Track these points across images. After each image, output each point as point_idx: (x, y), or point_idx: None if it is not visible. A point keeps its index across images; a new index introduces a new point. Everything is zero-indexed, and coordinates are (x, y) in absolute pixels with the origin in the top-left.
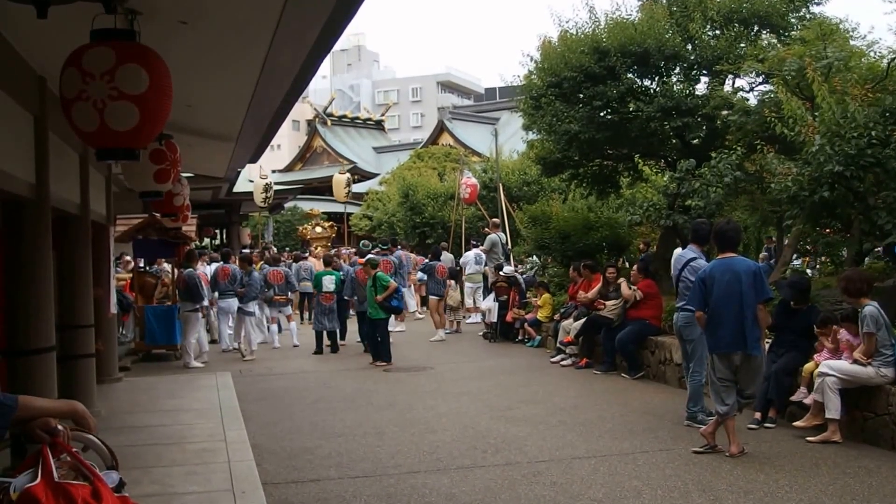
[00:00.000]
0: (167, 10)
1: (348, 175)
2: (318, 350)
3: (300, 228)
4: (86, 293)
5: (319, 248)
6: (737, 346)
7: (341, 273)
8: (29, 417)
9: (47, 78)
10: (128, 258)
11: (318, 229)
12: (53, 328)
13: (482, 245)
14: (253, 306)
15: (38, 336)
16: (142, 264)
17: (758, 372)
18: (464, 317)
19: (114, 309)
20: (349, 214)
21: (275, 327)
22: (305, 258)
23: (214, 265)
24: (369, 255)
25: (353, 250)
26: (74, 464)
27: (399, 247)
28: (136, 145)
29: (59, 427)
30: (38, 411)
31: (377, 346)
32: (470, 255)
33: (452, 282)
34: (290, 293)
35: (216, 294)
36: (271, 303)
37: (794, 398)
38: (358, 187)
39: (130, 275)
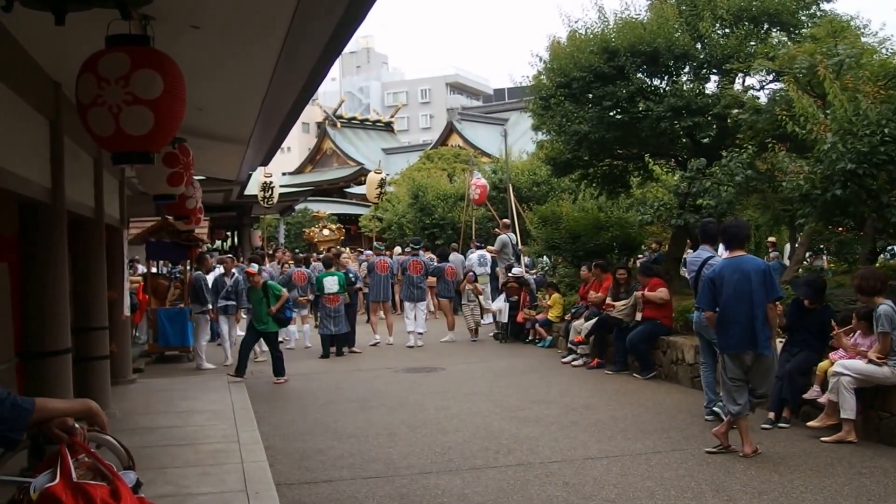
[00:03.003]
0: (180, 14)
1: (383, 175)
2: (325, 354)
3: (307, 231)
4: (100, 295)
5: (347, 249)
6: (747, 345)
7: (350, 273)
8: (45, 419)
9: (62, 83)
10: (136, 259)
11: (326, 231)
12: (69, 330)
13: (490, 246)
14: None
15: (54, 338)
16: (163, 268)
17: (769, 371)
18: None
19: (127, 311)
20: (358, 216)
21: (293, 328)
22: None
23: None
24: (252, 262)
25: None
26: (92, 464)
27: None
28: (150, 149)
29: (77, 427)
30: (54, 412)
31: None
32: (474, 257)
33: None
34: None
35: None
36: (294, 303)
37: (806, 396)
38: (366, 189)
39: (140, 278)
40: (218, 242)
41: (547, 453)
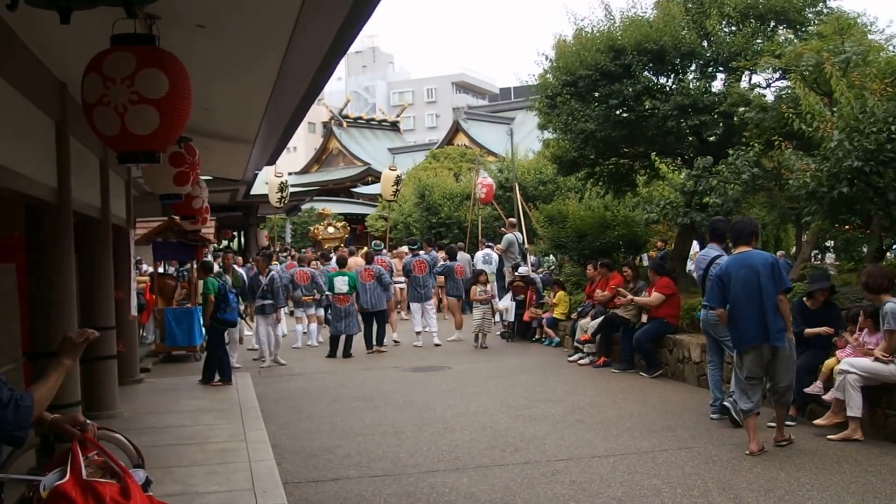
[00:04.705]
0: (185, 14)
1: (399, 173)
2: (332, 353)
3: (311, 229)
4: (107, 295)
5: (365, 248)
6: (760, 338)
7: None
8: (44, 406)
9: (67, 83)
10: (140, 260)
11: (331, 230)
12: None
13: (497, 245)
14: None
15: (60, 338)
16: (169, 267)
17: (789, 363)
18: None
19: (134, 311)
20: (364, 216)
21: (299, 327)
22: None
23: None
24: (205, 260)
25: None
26: (103, 462)
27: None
28: (156, 148)
29: (89, 423)
30: (48, 396)
31: (217, 363)
32: (479, 255)
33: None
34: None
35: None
36: (298, 303)
37: (808, 391)
38: (372, 188)
39: (147, 278)
40: (224, 242)
41: (553, 451)
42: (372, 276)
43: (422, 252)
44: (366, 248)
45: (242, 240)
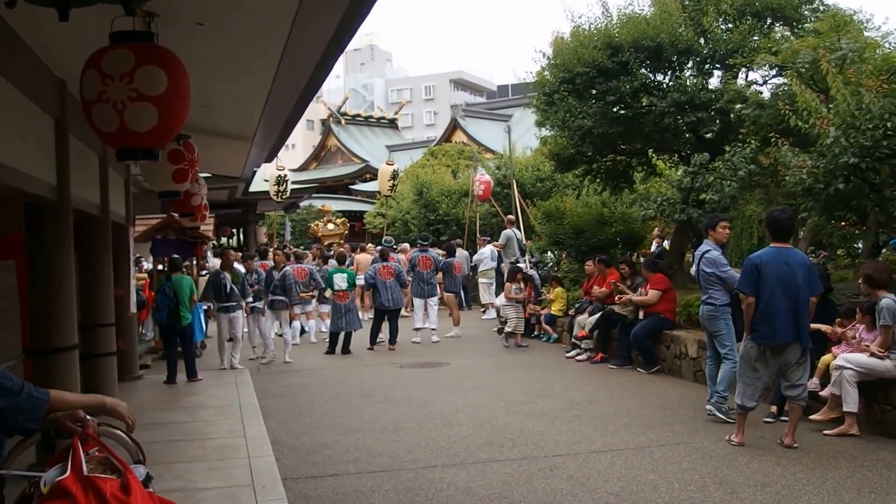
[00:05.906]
0: (184, 11)
1: (396, 167)
2: (331, 350)
3: (311, 226)
4: (107, 292)
5: (370, 245)
6: (790, 335)
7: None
8: (59, 410)
9: (67, 81)
10: (141, 257)
11: (330, 226)
12: (76, 327)
13: (495, 241)
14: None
15: (61, 335)
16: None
17: (808, 360)
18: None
19: (133, 308)
20: (362, 213)
21: (297, 324)
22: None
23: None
24: (174, 257)
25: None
26: (104, 458)
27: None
28: (155, 145)
29: (89, 419)
30: (69, 405)
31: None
32: (486, 252)
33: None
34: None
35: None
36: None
37: None
38: (370, 185)
39: (146, 275)
40: (224, 239)
41: (551, 447)
42: (391, 273)
43: (429, 248)
44: (372, 244)
45: (241, 237)
